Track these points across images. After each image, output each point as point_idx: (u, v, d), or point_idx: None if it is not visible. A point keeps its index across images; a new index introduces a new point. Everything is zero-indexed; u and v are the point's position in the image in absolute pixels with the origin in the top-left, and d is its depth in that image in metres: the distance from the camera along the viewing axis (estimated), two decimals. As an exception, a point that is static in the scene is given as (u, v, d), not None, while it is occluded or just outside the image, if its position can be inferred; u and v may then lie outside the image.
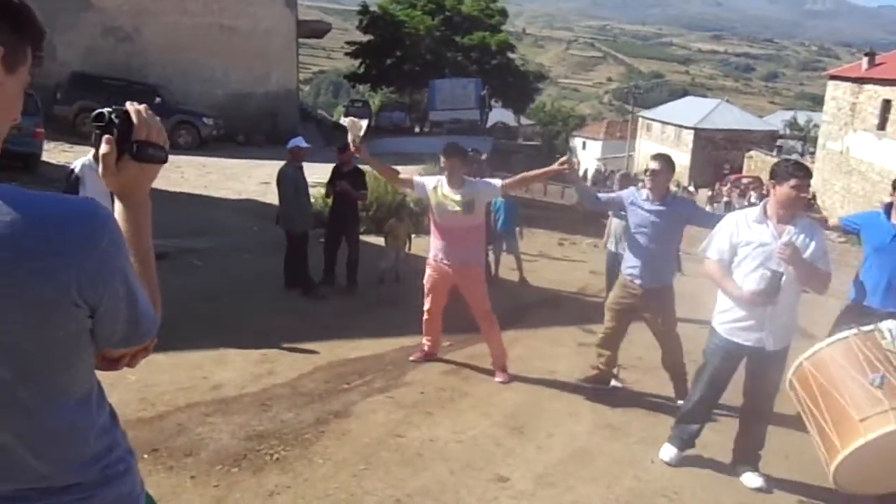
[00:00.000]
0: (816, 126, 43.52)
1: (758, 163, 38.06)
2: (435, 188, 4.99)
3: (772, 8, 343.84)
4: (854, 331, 2.95)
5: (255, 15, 21.55)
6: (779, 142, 48.65)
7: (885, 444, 2.64)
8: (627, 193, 4.86)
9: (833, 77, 31.27)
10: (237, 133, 20.44)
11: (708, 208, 16.88)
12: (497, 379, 5.20)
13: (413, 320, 5.61)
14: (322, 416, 4.25)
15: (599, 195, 5.13)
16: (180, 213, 11.59)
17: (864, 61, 29.05)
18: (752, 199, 28.71)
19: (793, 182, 3.50)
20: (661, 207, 4.58)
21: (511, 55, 37.32)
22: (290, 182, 7.21)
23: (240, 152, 18.43)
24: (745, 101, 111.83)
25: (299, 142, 7.47)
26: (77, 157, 16.06)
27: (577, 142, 60.24)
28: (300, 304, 6.99)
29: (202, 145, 18.70)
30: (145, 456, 3.52)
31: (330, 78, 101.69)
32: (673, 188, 19.62)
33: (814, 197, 32.94)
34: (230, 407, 4.28)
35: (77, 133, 17.78)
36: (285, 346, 5.51)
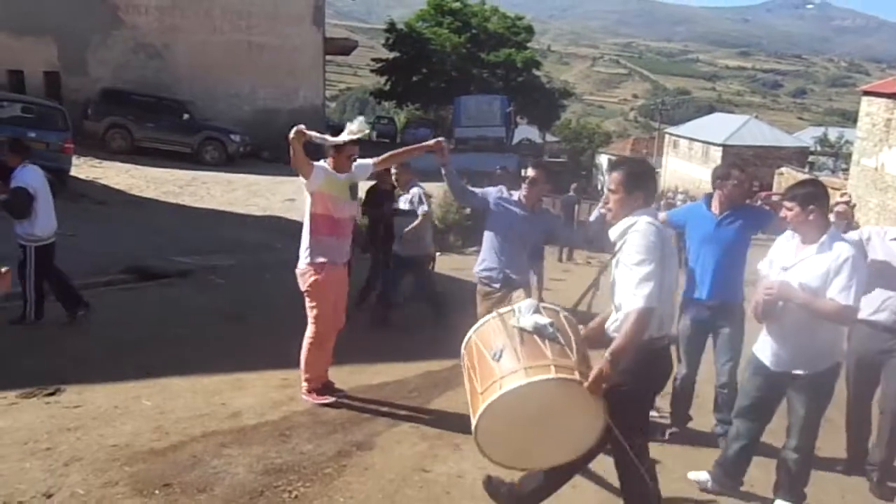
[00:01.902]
0: (848, 142, 42.69)
1: (788, 179, 37.34)
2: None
3: (799, 24, 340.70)
4: (494, 313, 3.09)
5: (284, 33, 21.66)
6: (810, 158, 47.77)
7: (501, 411, 2.80)
8: (496, 191, 4.77)
9: (867, 93, 30.61)
10: (263, 149, 20.48)
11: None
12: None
13: (437, 343, 5.39)
14: (344, 448, 4.03)
15: (469, 188, 4.84)
16: (204, 230, 11.54)
17: (900, 77, 28.43)
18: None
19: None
20: (528, 214, 4.63)
21: (537, 72, 37.17)
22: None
23: (265, 169, 18.43)
24: (773, 117, 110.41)
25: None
26: (105, 173, 16.14)
27: (602, 158, 59.85)
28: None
29: (229, 161, 18.75)
30: (156, 492, 3.33)
31: (356, 95, 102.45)
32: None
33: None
34: (248, 437, 4.08)
35: (107, 149, 17.94)
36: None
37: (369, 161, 4.89)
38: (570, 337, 2.94)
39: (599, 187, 46.23)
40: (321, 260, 4.56)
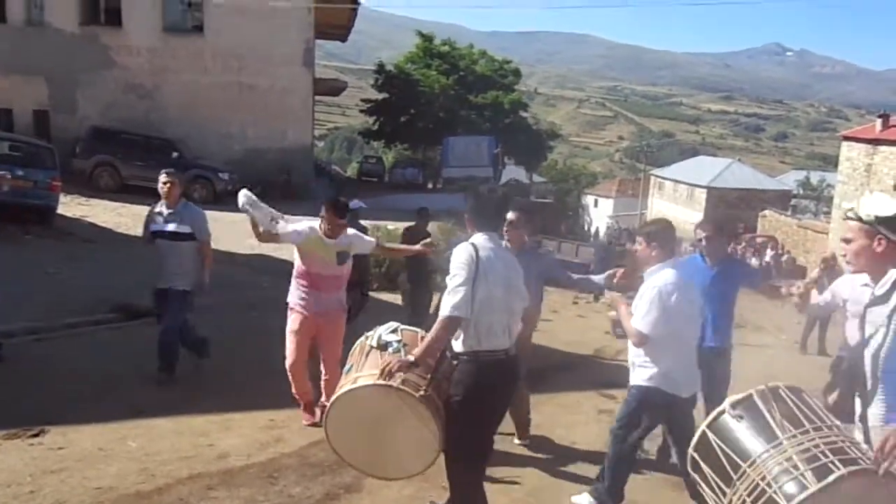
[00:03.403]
0: (829, 186, 43.41)
1: (772, 222, 37.84)
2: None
3: (780, 70, 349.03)
4: (362, 337, 3.50)
5: (274, 74, 21.91)
6: (792, 201, 48.50)
7: (338, 414, 3.21)
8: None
9: (847, 138, 31.32)
10: (252, 187, 20.52)
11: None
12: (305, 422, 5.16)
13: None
14: (332, 491, 4.01)
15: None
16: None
17: (878, 123, 29.10)
18: (768, 258, 28.48)
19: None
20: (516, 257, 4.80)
21: (524, 114, 37.72)
22: None
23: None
24: (755, 160, 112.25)
25: (355, 204, 7.62)
26: (93, 210, 16.10)
27: (589, 199, 60.39)
28: (309, 366, 6.76)
29: (216, 200, 18.78)
30: (142, 536, 3.29)
31: (344, 134, 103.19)
32: (688, 247, 19.39)
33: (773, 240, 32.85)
34: (235, 479, 4.05)
35: (94, 187, 17.94)
36: (293, 411, 5.27)
37: (372, 241, 5.32)
38: None
39: (585, 227, 46.63)
40: (292, 304, 5.00)
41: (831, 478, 2.32)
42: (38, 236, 12.34)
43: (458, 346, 3.19)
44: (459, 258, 3.16)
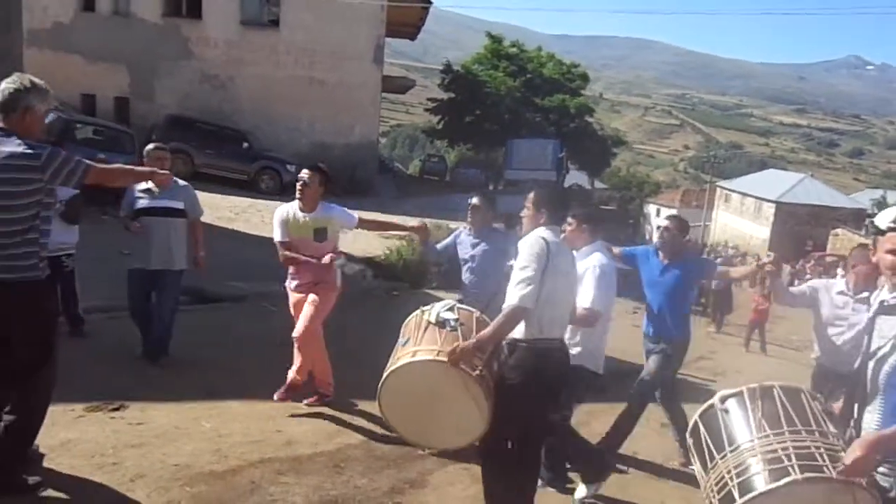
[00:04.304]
0: (908, 206, 41.61)
1: (844, 241, 36.48)
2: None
3: (859, 84, 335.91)
4: (419, 310, 3.62)
5: (345, 70, 22.25)
6: (867, 221, 46.63)
7: (394, 385, 3.32)
8: (456, 232, 5.28)
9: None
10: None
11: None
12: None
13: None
14: (397, 485, 4.04)
15: (439, 246, 5.34)
16: (256, 256, 11.76)
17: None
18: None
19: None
20: (478, 240, 5.03)
21: (589, 119, 37.32)
22: None
23: (318, 200, 18.79)
24: (827, 176, 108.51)
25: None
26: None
27: (651, 208, 59.37)
28: (371, 356, 6.84)
29: (283, 191, 19.19)
30: (218, 515, 3.38)
31: (407, 132, 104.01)
32: (752, 261, 18.85)
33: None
34: (303, 466, 4.12)
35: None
36: (358, 401, 5.33)
37: (355, 215, 5.18)
38: (473, 332, 3.36)
39: (647, 236, 45.81)
40: (286, 284, 5.21)
41: (783, 481, 2.34)
42: (114, 217, 12.81)
43: (518, 333, 3.30)
44: (532, 250, 3.26)
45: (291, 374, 5.14)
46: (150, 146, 5.84)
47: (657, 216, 57.80)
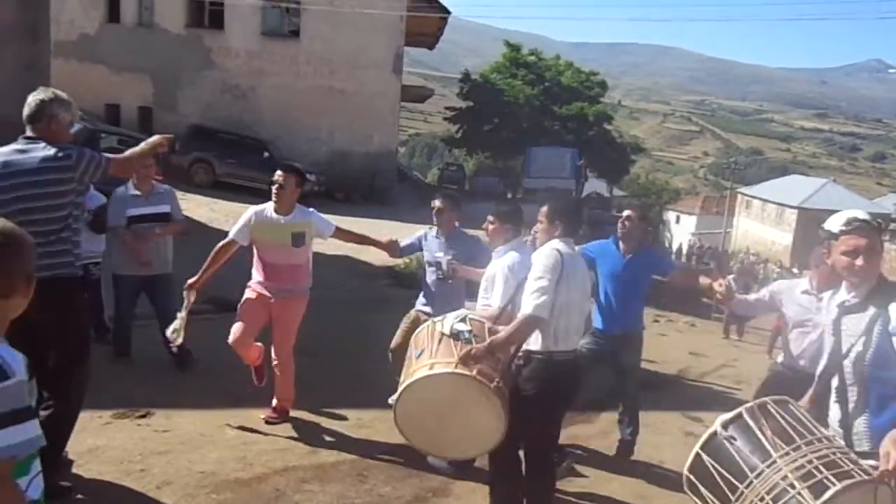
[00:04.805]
0: (933, 212, 40.97)
1: (868, 248, 36.02)
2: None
3: (881, 88, 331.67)
4: (430, 321, 3.69)
5: (364, 79, 22.42)
6: (892, 226, 45.95)
7: (411, 397, 3.34)
8: (421, 234, 5.19)
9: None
10: (336, 190, 21.06)
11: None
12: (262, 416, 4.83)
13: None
14: (420, 494, 4.05)
15: (405, 244, 5.25)
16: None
17: None
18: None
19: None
20: (445, 243, 4.95)
21: (607, 126, 37.26)
22: None
23: (337, 209, 18.87)
24: (850, 181, 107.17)
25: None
26: (188, 205, 16.80)
27: (671, 215, 59.00)
28: (391, 366, 6.86)
29: (302, 200, 19.30)
30: (243, 522, 3.41)
31: (425, 140, 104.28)
32: (775, 268, 18.54)
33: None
34: (328, 474, 4.15)
35: (190, 182, 18.76)
36: (382, 410, 5.33)
37: (333, 223, 5.08)
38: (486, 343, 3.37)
39: (666, 243, 45.50)
40: (250, 283, 4.84)
41: (828, 494, 2.31)
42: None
43: (533, 345, 3.35)
44: (546, 262, 3.30)
45: (276, 401, 4.91)
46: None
47: (677, 223, 57.46)
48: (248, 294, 4.83)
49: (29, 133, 3.35)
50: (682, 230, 54.94)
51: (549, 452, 3.59)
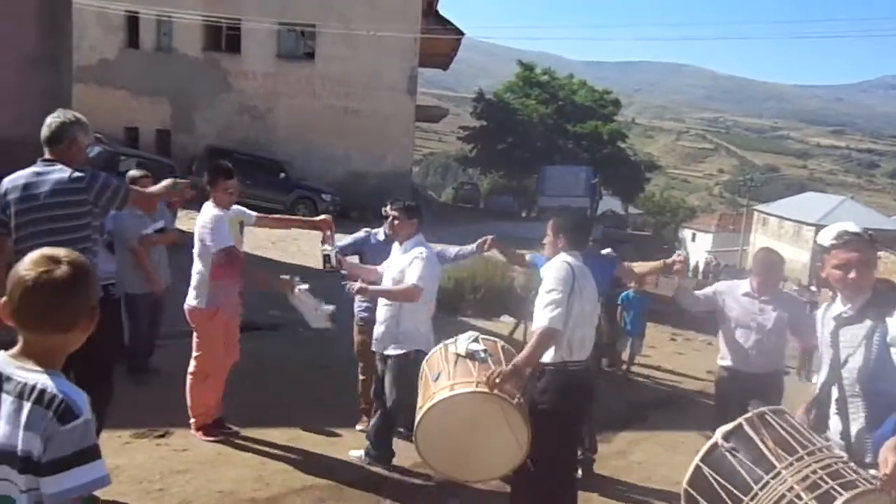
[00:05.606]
0: (953, 229, 40.52)
1: (888, 264, 35.58)
2: None
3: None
4: (441, 344, 3.69)
5: (379, 100, 22.64)
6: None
7: (433, 420, 3.31)
8: (362, 236, 5.45)
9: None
10: (352, 209, 21.20)
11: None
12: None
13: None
14: (437, 512, 4.04)
15: (345, 243, 5.40)
16: (295, 285, 11.92)
17: None
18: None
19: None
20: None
21: (621, 144, 37.29)
22: None
23: (353, 228, 18.86)
24: (868, 198, 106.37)
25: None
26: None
27: (686, 233, 58.73)
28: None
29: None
30: (261, 542, 3.43)
31: (439, 160, 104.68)
32: (793, 286, 18.37)
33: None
34: (344, 493, 4.16)
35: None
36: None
37: (254, 214, 5.19)
38: (501, 362, 3.40)
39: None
40: (217, 305, 4.70)
41: None
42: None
43: (547, 357, 3.38)
44: (557, 274, 3.37)
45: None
46: (135, 172, 6.07)
47: (693, 241, 57.13)
48: (222, 316, 4.84)
49: (47, 155, 3.44)
50: (697, 248, 54.62)
51: (565, 464, 3.58)
